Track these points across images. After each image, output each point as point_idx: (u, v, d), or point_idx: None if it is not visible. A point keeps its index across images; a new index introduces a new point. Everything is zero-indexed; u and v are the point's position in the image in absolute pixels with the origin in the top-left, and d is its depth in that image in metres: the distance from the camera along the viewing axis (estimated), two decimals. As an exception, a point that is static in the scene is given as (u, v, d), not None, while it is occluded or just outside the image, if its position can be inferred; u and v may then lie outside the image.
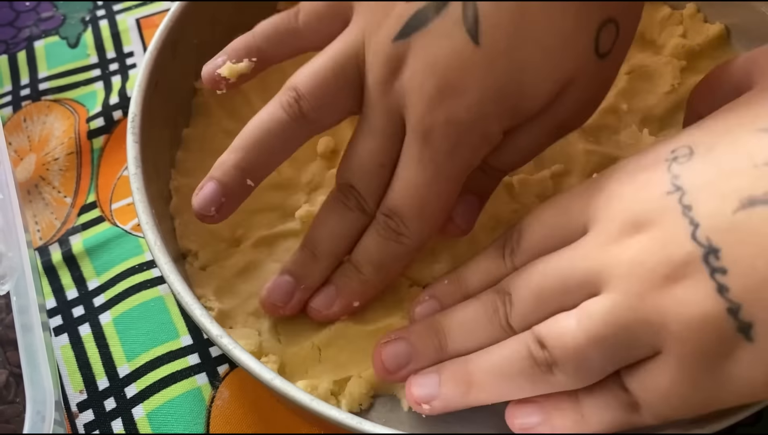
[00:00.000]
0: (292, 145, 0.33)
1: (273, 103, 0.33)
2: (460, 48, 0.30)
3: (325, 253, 0.34)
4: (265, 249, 0.37)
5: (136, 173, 0.34)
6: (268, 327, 0.34)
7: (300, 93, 0.32)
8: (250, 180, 0.32)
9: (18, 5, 0.52)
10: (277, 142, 0.32)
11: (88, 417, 0.36)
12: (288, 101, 0.32)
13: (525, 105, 0.31)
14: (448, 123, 0.30)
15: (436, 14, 0.30)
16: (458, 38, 0.30)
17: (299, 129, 0.32)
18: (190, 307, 0.30)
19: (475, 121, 0.30)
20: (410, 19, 0.30)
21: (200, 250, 0.36)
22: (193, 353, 0.37)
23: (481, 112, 0.30)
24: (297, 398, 0.27)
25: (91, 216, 0.42)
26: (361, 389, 0.32)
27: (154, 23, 0.51)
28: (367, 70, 0.32)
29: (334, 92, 0.32)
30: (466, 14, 0.29)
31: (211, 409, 0.35)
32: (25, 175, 0.44)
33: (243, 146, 0.32)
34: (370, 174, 0.32)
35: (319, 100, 0.32)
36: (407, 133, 0.31)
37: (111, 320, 0.38)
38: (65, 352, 0.38)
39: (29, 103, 0.47)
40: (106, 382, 0.37)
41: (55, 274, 0.40)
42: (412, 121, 0.31)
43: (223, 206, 0.32)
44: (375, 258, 0.33)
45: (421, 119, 0.31)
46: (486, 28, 0.29)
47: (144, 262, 0.40)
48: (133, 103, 0.36)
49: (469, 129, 0.31)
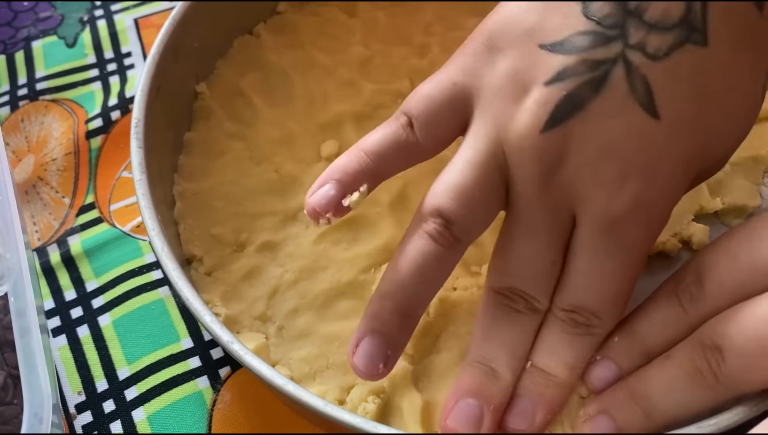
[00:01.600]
0: (449, 272, 0.30)
1: (417, 234, 0.29)
2: (638, 125, 0.27)
3: (504, 368, 0.29)
4: (269, 253, 0.37)
5: (141, 179, 0.34)
6: (275, 331, 0.34)
7: (449, 218, 0.28)
8: (412, 324, 0.29)
9: (16, 5, 0.52)
10: (434, 274, 0.29)
11: (86, 419, 0.36)
12: (438, 230, 0.28)
13: (708, 167, 0.29)
14: (637, 207, 0.27)
15: (594, 93, 0.27)
16: (632, 115, 0.27)
17: (455, 254, 0.29)
18: (200, 313, 0.30)
19: (665, 197, 0.28)
20: (560, 105, 0.27)
21: (205, 256, 0.36)
22: (194, 356, 0.37)
23: (672, 185, 0.28)
24: (311, 404, 0.28)
25: (90, 217, 0.42)
26: (363, 395, 0.32)
27: (152, 23, 0.51)
28: (513, 169, 0.28)
29: (482, 206, 0.29)
30: (635, 87, 0.27)
31: (212, 413, 0.35)
32: (23, 176, 0.44)
33: (398, 291, 0.29)
34: (540, 274, 0.29)
35: (470, 220, 0.29)
36: (583, 225, 0.28)
37: (111, 322, 0.38)
38: (63, 353, 0.38)
39: (27, 103, 0.47)
40: (105, 384, 0.36)
41: (53, 275, 0.40)
42: (591, 213, 0.28)
43: (390, 359, 0.29)
44: (567, 358, 0.29)
45: (603, 210, 0.28)
46: (663, 100, 0.27)
47: (144, 265, 0.40)
48: (136, 108, 0.36)
49: (661, 205, 0.28)
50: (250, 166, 0.39)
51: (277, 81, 0.43)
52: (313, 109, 0.41)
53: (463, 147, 0.30)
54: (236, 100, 0.42)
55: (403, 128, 0.31)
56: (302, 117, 0.41)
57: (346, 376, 0.33)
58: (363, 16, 0.46)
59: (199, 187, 0.38)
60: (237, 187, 0.38)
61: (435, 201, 0.29)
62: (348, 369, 0.33)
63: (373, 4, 0.46)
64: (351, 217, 0.37)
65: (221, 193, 0.38)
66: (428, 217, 0.29)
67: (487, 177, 0.29)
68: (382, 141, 0.31)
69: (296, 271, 0.36)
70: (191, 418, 0.35)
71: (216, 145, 0.40)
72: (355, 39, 0.45)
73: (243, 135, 0.41)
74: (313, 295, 0.35)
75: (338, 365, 0.33)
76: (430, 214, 0.29)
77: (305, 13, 0.46)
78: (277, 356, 0.34)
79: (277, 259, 0.36)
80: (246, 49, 0.44)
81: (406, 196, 0.38)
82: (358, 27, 0.45)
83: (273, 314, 0.35)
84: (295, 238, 0.37)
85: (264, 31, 0.45)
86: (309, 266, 0.36)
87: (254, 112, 0.41)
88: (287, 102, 0.42)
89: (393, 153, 0.31)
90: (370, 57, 0.44)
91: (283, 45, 0.44)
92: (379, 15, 0.46)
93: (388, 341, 0.29)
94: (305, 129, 0.41)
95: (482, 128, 0.29)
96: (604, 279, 0.29)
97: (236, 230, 0.37)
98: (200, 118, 0.41)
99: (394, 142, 0.31)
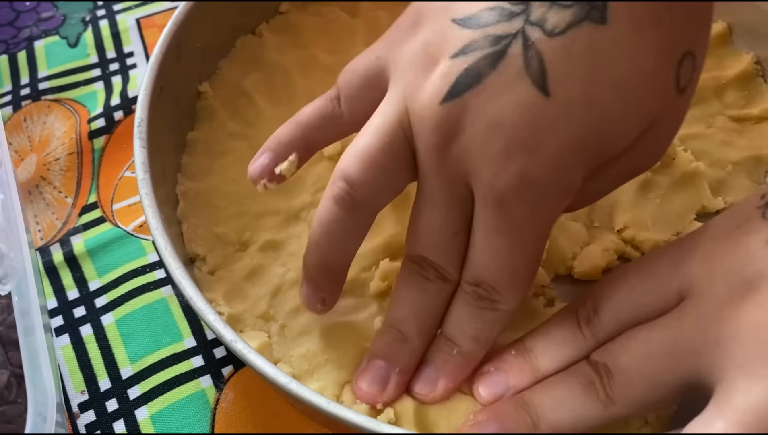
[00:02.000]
0: (359, 236, 0.31)
1: (327, 197, 0.30)
2: (528, 101, 0.27)
3: (413, 332, 0.31)
4: (271, 252, 0.37)
5: (144, 178, 0.34)
6: (277, 330, 0.34)
7: (351, 182, 0.29)
8: (336, 274, 0.32)
9: (18, 5, 0.52)
10: (341, 238, 0.30)
11: (89, 417, 0.36)
12: (340, 195, 0.29)
13: (607, 150, 0.28)
14: (522, 184, 0.27)
15: (491, 68, 0.27)
16: (523, 91, 0.27)
17: (359, 219, 0.30)
18: (203, 312, 0.30)
19: (553, 177, 0.28)
20: (460, 78, 0.27)
21: (208, 255, 0.36)
22: (197, 355, 0.37)
23: (560, 165, 0.27)
24: (314, 402, 0.28)
25: (93, 216, 0.42)
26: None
27: (154, 23, 0.51)
28: (416, 139, 0.29)
29: (386, 172, 0.30)
30: (529, 64, 0.26)
31: (215, 412, 0.35)
32: (26, 176, 0.44)
33: (314, 249, 0.31)
34: (444, 245, 0.30)
35: (373, 186, 0.29)
36: (477, 200, 0.29)
37: (114, 322, 0.38)
38: (66, 352, 0.38)
39: (29, 103, 0.47)
40: (108, 383, 0.37)
41: (56, 274, 0.40)
42: (481, 188, 0.28)
43: (326, 301, 0.32)
44: (471, 330, 0.30)
45: (491, 185, 0.28)
46: (555, 77, 0.26)
47: (147, 265, 0.40)
48: (140, 107, 0.36)
49: (548, 186, 0.28)
50: (252, 165, 0.39)
51: (279, 81, 0.43)
52: (315, 108, 0.42)
53: (374, 114, 0.30)
54: (239, 100, 0.42)
55: (331, 101, 0.33)
56: (304, 117, 0.41)
57: (341, 371, 0.33)
58: (365, 16, 0.46)
59: (202, 186, 0.38)
60: (240, 186, 0.39)
61: (342, 165, 0.30)
62: (343, 365, 0.33)
63: (375, 4, 0.46)
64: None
65: (224, 193, 0.38)
66: (335, 181, 0.30)
67: (393, 144, 0.29)
68: (311, 114, 0.33)
69: (298, 270, 0.36)
70: (194, 417, 0.35)
71: (219, 145, 0.40)
72: (357, 39, 0.45)
73: (246, 134, 0.41)
74: (315, 294, 0.35)
75: (335, 360, 0.33)
76: (337, 178, 0.30)
77: (308, 13, 0.46)
78: (279, 354, 0.34)
79: (279, 258, 0.36)
80: (249, 49, 0.44)
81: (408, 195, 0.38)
82: (360, 27, 0.45)
83: (275, 313, 0.35)
84: (298, 237, 0.37)
85: (266, 30, 0.45)
86: (311, 265, 0.36)
87: (257, 112, 0.42)
88: (290, 102, 0.42)
89: (320, 125, 0.33)
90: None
91: (285, 45, 0.44)
92: (381, 15, 0.46)
93: (318, 288, 0.32)
94: (308, 129, 0.41)
95: (393, 97, 0.30)
96: (498, 256, 0.29)
97: (239, 229, 0.37)
98: (203, 117, 0.41)
99: (320, 115, 0.33)
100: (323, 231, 0.30)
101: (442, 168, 0.29)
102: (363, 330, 0.34)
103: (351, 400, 0.32)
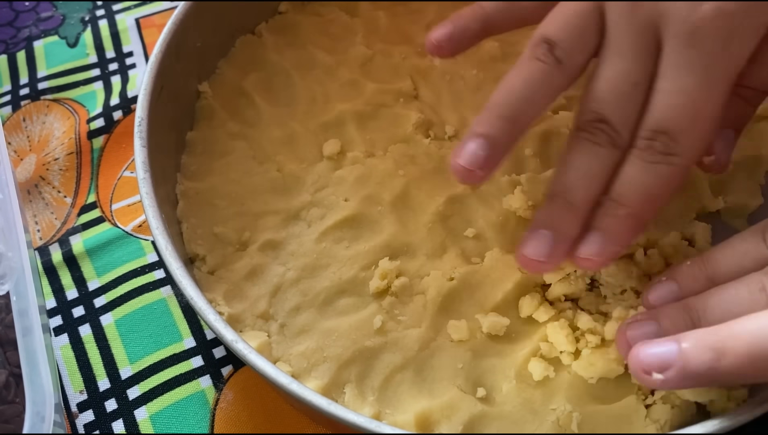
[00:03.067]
0: (553, 95, 0.32)
1: (527, 59, 0.32)
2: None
3: (581, 199, 0.31)
4: (271, 252, 0.37)
5: (145, 178, 0.34)
6: (277, 329, 0.34)
7: (553, 42, 0.31)
8: (516, 132, 0.31)
9: (17, 5, 0.52)
10: (541, 93, 0.32)
11: (88, 417, 0.36)
12: (544, 53, 0.31)
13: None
14: (718, 16, 0.29)
15: None
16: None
17: (559, 77, 0.32)
18: (204, 312, 0.30)
19: (747, 10, 0.29)
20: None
21: (208, 255, 0.36)
22: (197, 356, 0.37)
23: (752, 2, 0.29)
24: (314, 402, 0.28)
25: (92, 216, 0.42)
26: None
27: (153, 23, 0.51)
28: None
29: (582, 31, 0.31)
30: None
31: (215, 412, 0.35)
32: (25, 175, 0.44)
33: (507, 101, 0.31)
34: (624, 97, 0.31)
35: (571, 44, 0.31)
36: (668, 41, 0.30)
37: (113, 322, 0.38)
38: (65, 352, 0.38)
39: (28, 103, 0.47)
40: (107, 383, 0.36)
41: (55, 274, 0.40)
42: (675, 25, 0.30)
43: (489, 160, 0.31)
44: (643, 187, 0.30)
45: (686, 18, 0.29)
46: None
47: (146, 265, 0.40)
48: (140, 107, 0.36)
49: (741, 19, 0.29)
50: (252, 165, 0.39)
51: (279, 81, 0.43)
52: (315, 108, 0.42)
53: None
54: (238, 100, 0.42)
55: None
56: (304, 116, 0.41)
57: (341, 370, 0.33)
58: (364, 15, 0.46)
59: (202, 186, 0.38)
60: (239, 186, 0.38)
61: (542, 30, 0.32)
62: (342, 361, 0.33)
63: (375, 4, 0.46)
64: (353, 216, 0.37)
65: (224, 193, 0.38)
66: (536, 44, 0.32)
67: (585, 5, 0.31)
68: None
69: (298, 270, 0.36)
70: (194, 417, 0.35)
71: (218, 145, 0.40)
72: (356, 39, 0.45)
73: (245, 134, 0.41)
74: (314, 292, 0.35)
75: (333, 358, 0.33)
76: (538, 41, 0.32)
77: (307, 12, 0.46)
78: (278, 353, 0.34)
79: (279, 258, 0.36)
80: (248, 49, 0.44)
81: (408, 194, 0.38)
82: (360, 27, 0.45)
83: (275, 312, 0.35)
84: (298, 237, 0.37)
85: (266, 30, 0.45)
86: (311, 264, 0.36)
87: (256, 112, 0.41)
88: (289, 101, 0.42)
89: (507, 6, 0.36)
90: (372, 57, 0.44)
91: (284, 45, 0.44)
92: (381, 15, 0.46)
93: (493, 143, 0.31)
94: (307, 128, 0.41)
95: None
96: (685, 94, 0.30)
97: (239, 229, 0.37)
98: (203, 117, 0.41)
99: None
100: (524, 84, 0.31)
101: (633, 18, 0.31)
102: (362, 328, 0.34)
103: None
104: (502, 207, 0.37)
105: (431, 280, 0.35)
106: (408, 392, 0.32)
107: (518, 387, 0.32)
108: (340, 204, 0.38)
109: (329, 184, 0.39)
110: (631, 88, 0.30)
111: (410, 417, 0.31)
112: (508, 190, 0.37)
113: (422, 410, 0.31)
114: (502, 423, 0.31)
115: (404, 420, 0.31)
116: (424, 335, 0.34)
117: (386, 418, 0.32)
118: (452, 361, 0.33)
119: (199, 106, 0.41)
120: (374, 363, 0.33)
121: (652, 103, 0.30)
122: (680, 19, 0.30)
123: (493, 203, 0.37)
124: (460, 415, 0.31)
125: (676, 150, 0.30)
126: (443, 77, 0.43)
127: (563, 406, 0.31)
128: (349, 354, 0.33)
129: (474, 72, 0.43)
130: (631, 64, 0.31)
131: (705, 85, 0.30)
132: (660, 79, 0.30)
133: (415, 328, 0.34)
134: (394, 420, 0.32)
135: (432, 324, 0.34)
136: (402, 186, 0.38)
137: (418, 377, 0.33)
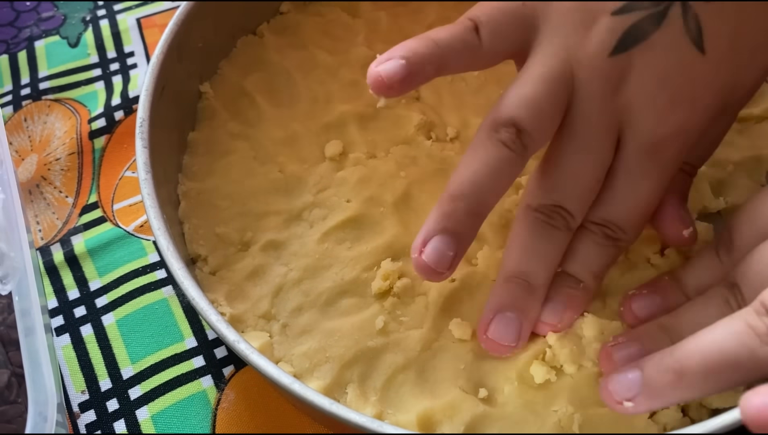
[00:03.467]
0: (514, 178, 0.32)
1: (492, 141, 0.31)
2: (688, 59, 0.30)
3: (543, 283, 0.33)
4: (273, 252, 0.37)
5: (146, 178, 0.34)
6: (279, 329, 0.34)
7: (521, 127, 0.31)
8: (479, 224, 0.31)
9: (19, 5, 0.52)
10: (505, 182, 0.31)
11: (89, 417, 0.36)
12: (511, 139, 0.30)
13: (734, 101, 0.33)
14: (679, 133, 0.31)
15: (656, 26, 0.30)
16: (685, 49, 0.30)
17: (521, 164, 0.31)
18: (206, 313, 0.30)
19: (701, 125, 0.31)
20: (626, 33, 0.31)
21: (209, 255, 0.36)
22: (198, 356, 0.37)
23: (708, 114, 0.31)
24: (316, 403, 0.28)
25: (93, 216, 0.42)
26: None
27: (154, 23, 0.51)
28: (580, 87, 0.31)
29: (549, 119, 0.31)
30: (689, 25, 0.30)
31: (216, 412, 0.35)
32: (26, 175, 0.44)
33: (473, 192, 0.30)
34: (584, 191, 0.32)
35: (539, 132, 0.31)
36: (627, 146, 0.32)
37: (114, 322, 0.38)
38: (67, 352, 0.38)
39: (30, 103, 0.47)
40: (108, 383, 0.37)
41: (56, 274, 0.40)
42: (638, 136, 0.31)
43: (456, 259, 0.31)
44: (595, 266, 0.33)
45: (651, 132, 0.31)
46: (709, 37, 0.30)
47: (148, 265, 0.40)
48: (141, 108, 0.36)
49: (696, 133, 0.32)
50: (254, 165, 0.39)
51: (280, 81, 0.43)
52: (316, 109, 0.42)
53: (534, 63, 0.32)
54: (240, 101, 0.42)
55: (469, 31, 0.33)
56: (306, 117, 0.41)
57: (343, 370, 0.33)
58: (366, 16, 0.46)
59: (204, 186, 0.38)
60: (241, 186, 0.39)
61: (509, 111, 0.31)
62: (344, 362, 0.33)
63: (376, 5, 0.46)
64: (355, 217, 0.37)
65: (225, 193, 0.38)
66: (501, 126, 0.31)
67: (557, 92, 0.31)
68: (450, 36, 0.32)
69: (300, 270, 0.36)
70: (195, 417, 0.35)
71: (220, 145, 0.40)
72: (358, 39, 0.45)
73: (247, 135, 0.41)
74: (316, 293, 0.35)
75: (336, 358, 0.33)
76: (504, 124, 0.31)
77: (308, 13, 0.46)
78: (280, 354, 0.34)
79: (281, 258, 0.36)
80: (249, 50, 0.44)
81: (409, 195, 0.38)
82: (361, 27, 0.45)
83: (277, 312, 0.35)
84: (300, 238, 0.37)
85: (267, 31, 0.45)
86: (313, 265, 0.36)
87: (258, 112, 0.42)
88: (291, 102, 0.42)
89: (458, 48, 0.32)
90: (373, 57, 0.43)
91: (286, 45, 0.44)
92: (382, 15, 0.46)
93: (458, 240, 0.31)
94: (309, 129, 0.41)
95: (553, 48, 0.32)
96: (637, 198, 0.32)
97: (241, 230, 0.37)
98: (204, 118, 0.41)
99: (460, 39, 0.32)
100: (489, 172, 0.31)
101: (603, 116, 0.31)
102: (364, 329, 0.34)
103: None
104: (502, 208, 0.37)
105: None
106: (410, 392, 0.33)
107: (520, 388, 0.32)
108: (342, 205, 0.38)
109: (331, 185, 0.39)
110: (595, 183, 0.32)
111: (412, 417, 0.31)
112: (509, 192, 0.37)
113: (424, 410, 0.31)
114: (503, 423, 0.31)
115: (406, 420, 0.31)
116: (426, 336, 0.34)
117: (388, 418, 0.32)
118: (454, 362, 0.33)
119: (200, 106, 0.41)
120: (376, 363, 0.33)
121: (607, 198, 0.32)
122: (646, 131, 0.31)
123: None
124: (462, 416, 0.31)
125: (624, 237, 0.33)
126: (445, 79, 0.43)
127: (565, 407, 0.31)
128: (351, 354, 0.33)
129: (476, 73, 0.43)
130: (595, 161, 0.32)
131: (657, 188, 0.32)
132: (616, 178, 0.32)
133: (417, 328, 0.34)
134: (396, 420, 0.32)
135: (434, 325, 0.34)
136: (404, 187, 0.38)
137: (420, 378, 0.33)
